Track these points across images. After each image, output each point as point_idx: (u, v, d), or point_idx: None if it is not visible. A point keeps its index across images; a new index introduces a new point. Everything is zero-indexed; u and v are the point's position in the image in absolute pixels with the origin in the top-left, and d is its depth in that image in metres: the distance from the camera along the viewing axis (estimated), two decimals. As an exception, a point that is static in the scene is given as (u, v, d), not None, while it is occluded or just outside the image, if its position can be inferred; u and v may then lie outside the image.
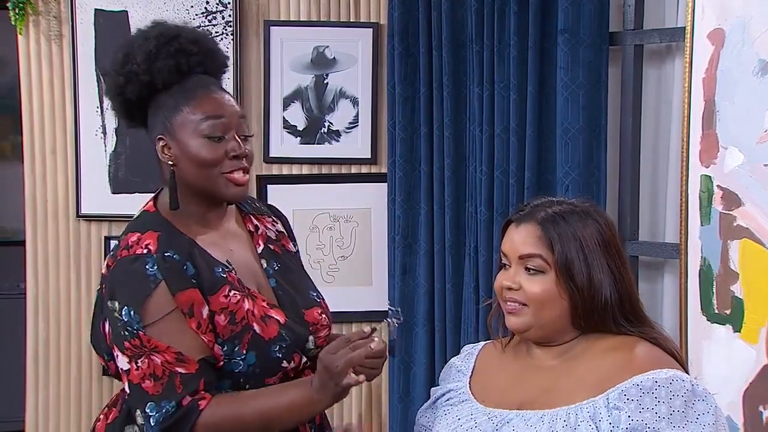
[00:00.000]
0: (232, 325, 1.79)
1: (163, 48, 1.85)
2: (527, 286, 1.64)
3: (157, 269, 1.75)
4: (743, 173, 2.30)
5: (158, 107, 1.86)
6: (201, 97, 1.83)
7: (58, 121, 3.17)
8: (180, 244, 1.80)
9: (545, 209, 1.68)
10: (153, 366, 1.73)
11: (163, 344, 1.73)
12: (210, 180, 1.83)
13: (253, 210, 2.01)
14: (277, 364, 1.83)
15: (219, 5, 3.13)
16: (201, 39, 1.91)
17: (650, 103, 2.79)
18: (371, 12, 3.15)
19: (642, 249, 2.75)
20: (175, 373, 1.73)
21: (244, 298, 1.83)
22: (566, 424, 1.55)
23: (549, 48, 2.79)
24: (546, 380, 1.65)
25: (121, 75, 1.86)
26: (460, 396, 1.74)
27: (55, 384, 3.21)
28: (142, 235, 1.81)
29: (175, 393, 1.73)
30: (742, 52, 2.30)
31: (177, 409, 1.72)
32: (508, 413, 1.62)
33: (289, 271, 1.97)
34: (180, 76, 1.85)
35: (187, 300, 1.76)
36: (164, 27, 1.90)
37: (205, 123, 1.81)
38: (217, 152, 1.81)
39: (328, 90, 3.16)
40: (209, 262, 1.82)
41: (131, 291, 1.76)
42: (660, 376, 1.54)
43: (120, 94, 1.88)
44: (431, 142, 2.99)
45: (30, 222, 3.19)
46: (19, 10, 3.09)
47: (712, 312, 2.38)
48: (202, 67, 1.89)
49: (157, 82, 1.84)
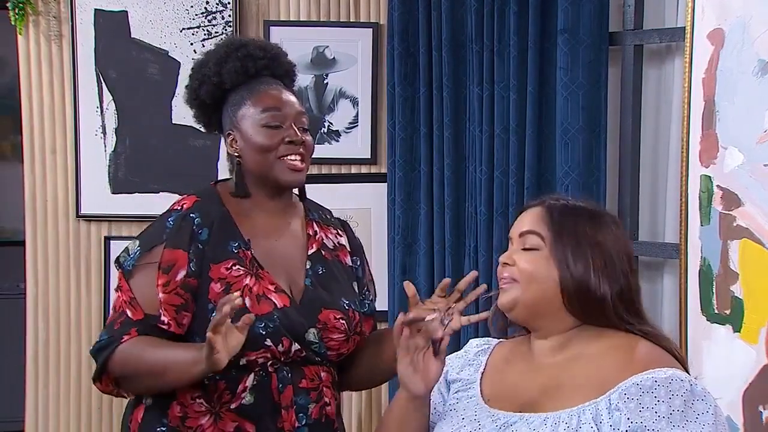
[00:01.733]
0: (224, 294, 1.89)
1: (232, 53, 2.04)
2: (521, 261, 1.65)
3: (173, 224, 1.95)
4: (743, 173, 2.30)
5: (228, 105, 2.04)
6: (263, 92, 2.01)
7: (58, 121, 3.17)
8: (210, 212, 1.98)
9: (556, 200, 1.72)
10: (116, 301, 1.97)
11: (126, 286, 1.95)
12: (268, 164, 1.98)
13: (320, 219, 2.13)
14: (259, 340, 1.90)
15: (219, 5, 3.13)
16: (268, 46, 2.10)
17: (650, 103, 2.79)
18: (371, 12, 3.15)
19: (642, 249, 2.75)
20: (122, 312, 1.94)
21: (248, 275, 1.95)
22: (568, 427, 1.54)
23: (549, 48, 2.79)
24: (548, 381, 1.64)
25: (196, 79, 2.07)
26: (468, 391, 1.74)
27: (55, 384, 3.21)
28: (188, 197, 2.03)
29: (113, 328, 1.94)
30: (742, 52, 2.30)
31: (106, 340, 1.93)
32: (511, 416, 1.62)
33: (331, 278, 2.06)
34: (247, 77, 2.03)
35: (170, 258, 1.93)
36: (235, 38, 2.14)
37: (263, 114, 1.99)
38: (274, 138, 1.98)
39: (328, 90, 3.16)
40: (229, 235, 1.97)
41: (149, 234, 1.99)
42: (659, 375, 1.54)
43: (195, 98, 2.08)
44: (431, 142, 2.99)
45: (30, 222, 3.19)
46: (19, 10, 3.09)
47: (711, 312, 2.38)
48: (269, 70, 2.06)
49: (225, 82, 2.02)
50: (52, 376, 3.21)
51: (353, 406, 3.16)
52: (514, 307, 1.66)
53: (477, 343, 1.84)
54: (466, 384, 1.75)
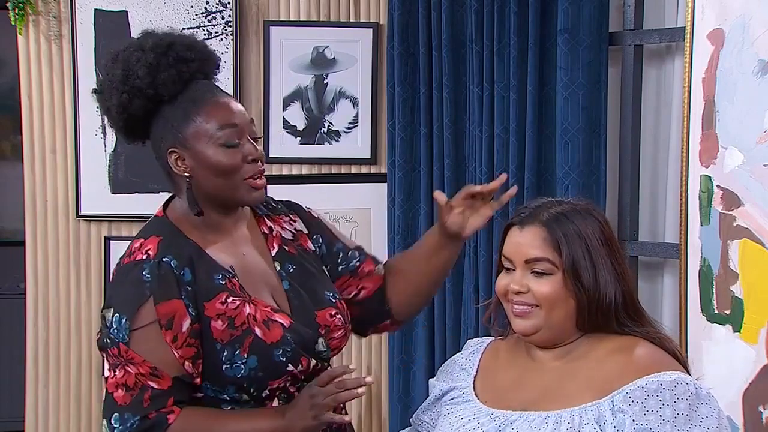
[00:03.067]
0: (231, 330, 1.78)
1: (162, 59, 1.82)
2: (537, 288, 1.62)
3: (150, 277, 1.75)
4: (743, 173, 2.30)
5: (165, 119, 1.84)
6: (211, 104, 1.82)
7: (58, 121, 3.17)
8: (181, 250, 1.80)
9: (547, 210, 1.67)
10: (126, 377, 1.73)
11: (139, 357, 1.73)
12: (230, 187, 1.82)
13: (269, 211, 2.00)
14: (281, 367, 1.81)
15: (219, 5, 3.13)
16: (195, 44, 1.88)
17: (650, 103, 2.79)
18: (371, 12, 3.15)
19: (642, 249, 2.75)
20: (147, 386, 1.73)
21: (245, 303, 1.81)
22: (570, 427, 1.54)
23: (549, 48, 2.79)
24: (549, 381, 1.64)
25: (124, 92, 1.82)
26: (463, 396, 1.73)
27: (55, 384, 3.21)
28: (145, 240, 1.81)
29: (141, 407, 1.73)
30: (742, 52, 2.30)
31: (142, 422, 1.72)
32: (511, 414, 1.62)
33: (305, 272, 1.95)
34: (183, 84, 1.83)
35: (167, 311, 1.75)
36: (157, 36, 1.86)
37: (220, 131, 1.80)
38: (236, 158, 1.81)
39: (327, 90, 3.16)
40: (210, 269, 1.82)
41: (125, 298, 1.76)
42: (664, 378, 1.53)
43: (124, 111, 1.85)
44: (431, 142, 2.99)
45: (30, 222, 3.19)
46: (19, 10, 3.09)
47: (712, 312, 2.38)
48: (202, 72, 1.87)
49: (162, 94, 1.82)
50: (52, 376, 3.21)
51: (353, 405, 3.16)
52: (535, 333, 1.65)
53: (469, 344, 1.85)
54: (460, 390, 1.75)
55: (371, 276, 2.04)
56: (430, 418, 1.81)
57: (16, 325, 3.69)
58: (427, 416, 1.82)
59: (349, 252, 2.04)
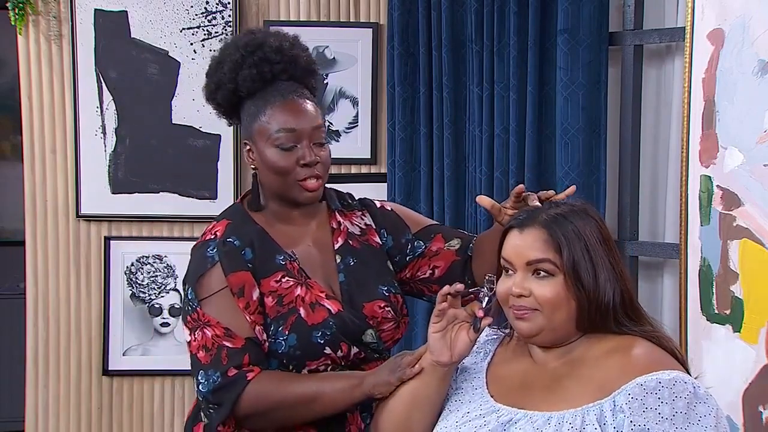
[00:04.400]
0: (279, 307, 1.91)
1: (248, 58, 1.96)
2: (538, 290, 1.62)
3: (215, 252, 1.91)
4: (743, 173, 2.30)
5: (245, 113, 1.99)
6: (277, 106, 1.94)
7: (58, 121, 3.17)
8: (246, 232, 1.95)
9: (545, 212, 1.67)
10: (205, 339, 1.88)
11: (213, 319, 1.88)
12: (284, 186, 1.95)
13: (343, 207, 2.10)
14: (319, 349, 1.91)
15: (219, 5, 3.13)
16: (284, 47, 2.00)
17: (650, 103, 2.79)
18: (371, 12, 3.16)
19: (642, 249, 2.75)
20: (222, 346, 1.86)
21: (298, 285, 1.93)
22: (572, 427, 1.55)
23: (549, 48, 2.79)
24: (550, 382, 1.64)
25: (212, 82, 2.01)
26: (474, 381, 1.73)
27: (55, 384, 3.22)
28: (217, 223, 1.98)
29: (221, 365, 1.86)
30: (741, 52, 2.30)
31: (222, 378, 1.85)
32: (516, 412, 1.62)
33: (364, 266, 2.03)
34: (264, 83, 1.97)
35: (238, 281, 1.89)
36: (251, 36, 2.01)
37: (278, 134, 1.93)
38: (289, 161, 1.93)
39: (327, 90, 3.16)
40: (272, 250, 1.95)
41: (193, 272, 1.93)
42: (663, 377, 1.54)
43: (213, 99, 2.03)
44: (431, 142, 3.00)
45: (30, 222, 3.19)
46: (19, 11, 3.10)
47: (711, 312, 2.38)
48: (287, 74, 1.99)
49: (241, 90, 1.97)
50: (52, 376, 3.21)
51: (353, 406, 3.16)
52: (537, 335, 1.65)
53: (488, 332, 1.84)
54: (472, 373, 1.75)
55: (440, 253, 2.10)
56: None
57: (16, 325, 3.69)
58: None
59: (416, 241, 2.11)
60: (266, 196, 2.00)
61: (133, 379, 3.23)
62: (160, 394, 3.25)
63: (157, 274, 3.21)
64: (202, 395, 1.88)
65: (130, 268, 3.20)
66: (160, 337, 3.21)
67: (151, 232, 3.20)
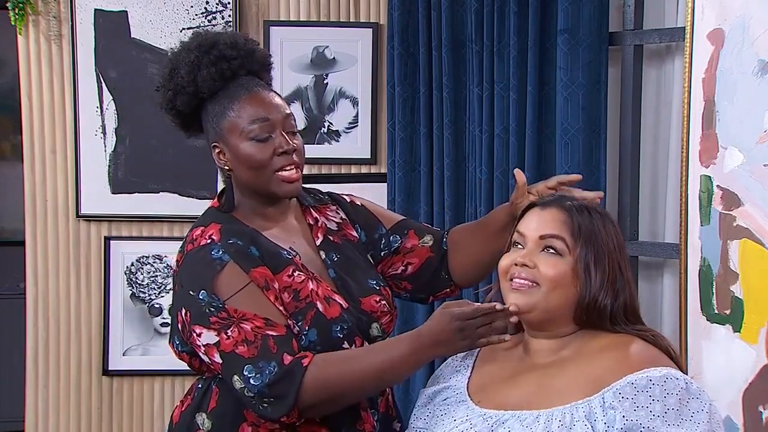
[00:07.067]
0: (296, 302, 1.86)
1: (203, 58, 1.91)
2: (543, 265, 1.63)
3: (222, 253, 1.83)
4: (743, 173, 2.30)
5: (208, 115, 1.94)
6: (244, 99, 1.90)
7: (58, 121, 3.17)
8: (242, 233, 1.89)
9: (571, 200, 1.72)
10: (244, 332, 1.78)
11: (249, 313, 1.79)
12: (263, 179, 1.90)
13: (315, 202, 2.07)
14: (338, 343, 1.87)
15: (219, 5, 3.13)
16: (239, 42, 1.96)
17: (650, 103, 2.79)
18: (371, 12, 3.16)
19: (642, 249, 2.75)
20: (267, 335, 1.78)
21: (309, 279, 1.90)
22: (561, 424, 1.55)
23: (549, 48, 2.79)
24: (541, 379, 1.65)
25: (170, 89, 1.95)
26: (457, 396, 1.74)
27: (55, 384, 3.22)
28: (205, 228, 1.90)
29: (271, 353, 1.76)
30: (741, 52, 2.30)
31: (280, 368, 1.75)
32: (503, 414, 1.62)
33: (349, 261, 2.01)
34: (224, 81, 1.92)
35: (260, 275, 1.83)
36: (203, 37, 1.97)
37: (251, 125, 1.89)
38: (265, 152, 1.89)
39: (327, 90, 3.16)
40: (273, 247, 1.90)
41: (202, 276, 1.83)
42: (654, 374, 1.54)
43: (172, 108, 1.97)
44: (431, 142, 2.99)
45: (30, 222, 3.20)
46: (19, 11, 3.10)
47: (711, 312, 2.38)
48: (245, 69, 1.95)
49: (202, 91, 1.92)
50: (52, 376, 3.21)
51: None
52: (531, 311, 1.65)
53: None
54: (453, 391, 1.76)
55: (414, 250, 2.10)
56: (424, 423, 1.80)
57: (16, 325, 3.69)
58: (420, 422, 1.80)
59: (391, 236, 2.10)
60: (243, 195, 1.95)
61: (133, 379, 3.23)
62: (160, 394, 3.25)
63: (157, 274, 3.21)
64: (255, 390, 1.75)
65: (130, 268, 3.20)
66: (160, 337, 3.21)
67: (151, 232, 3.21)
